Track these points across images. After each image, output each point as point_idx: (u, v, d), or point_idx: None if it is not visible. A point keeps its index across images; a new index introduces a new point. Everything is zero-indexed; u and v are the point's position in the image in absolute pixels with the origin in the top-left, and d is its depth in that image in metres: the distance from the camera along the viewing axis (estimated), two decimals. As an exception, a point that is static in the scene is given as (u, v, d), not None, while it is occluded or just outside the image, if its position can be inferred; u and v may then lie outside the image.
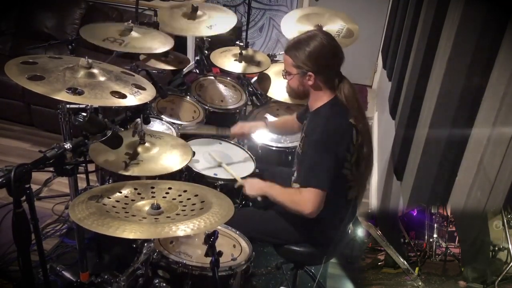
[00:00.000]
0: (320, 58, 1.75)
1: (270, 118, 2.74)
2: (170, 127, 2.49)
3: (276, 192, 1.83)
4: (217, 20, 2.64)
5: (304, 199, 1.71)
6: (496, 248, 1.10)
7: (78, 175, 1.85)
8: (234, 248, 1.79)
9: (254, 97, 2.99)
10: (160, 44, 2.27)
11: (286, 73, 1.85)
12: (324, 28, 2.68)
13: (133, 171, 1.69)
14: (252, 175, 2.18)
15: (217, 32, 2.60)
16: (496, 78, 1.21)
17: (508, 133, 1.08)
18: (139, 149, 1.81)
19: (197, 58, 2.96)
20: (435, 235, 1.30)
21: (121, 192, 1.48)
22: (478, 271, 1.14)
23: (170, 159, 1.82)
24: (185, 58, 2.87)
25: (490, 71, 1.23)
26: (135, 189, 1.51)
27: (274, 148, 2.49)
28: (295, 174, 1.90)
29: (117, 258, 2.45)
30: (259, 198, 1.90)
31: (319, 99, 1.82)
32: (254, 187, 1.92)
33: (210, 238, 1.40)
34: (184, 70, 3.87)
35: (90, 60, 1.58)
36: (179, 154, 1.87)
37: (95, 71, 1.59)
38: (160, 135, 1.97)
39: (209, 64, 2.83)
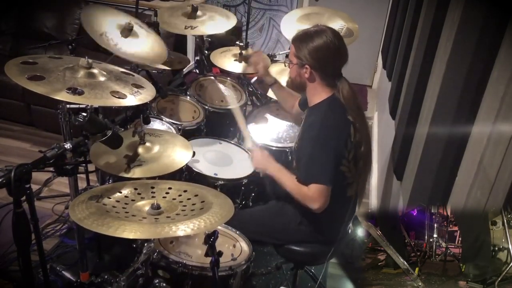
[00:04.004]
0: (321, 55, 1.76)
1: (270, 118, 2.74)
2: (170, 127, 2.49)
3: (285, 178, 1.83)
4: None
5: (310, 194, 1.72)
6: (496, 248, 1.10)
7: (78, 175, 1.86)
8: (234, 248, 1.79)
9: (254, 97, 2.99)
10: (154, 57, 2.16)
11: (289, 62, 1.88)
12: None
13: (134, 173, 1.69)
14: (252, 175, 2.18)
15: (197, 33, 2.61)
16: (496, 78, 1.21)
17: (508, 132, 1.08)
18: (140, 150, 1.81)
19: (197, 58, 2.96)
20: (435, 235, 1.30)
21: (121, 192, 1.48)
22: (479, 268, 1.14)
23: (171, 157, 1.82)
24: (185, 58, 2.86)
25: (490, 71, 1.23)
26: (135, 189, 1.51)
27: (274, 148, 2.49)
28: (294, 172, 1.91)
29: (117, 258, 2.45)
30: (261, 174, 1.90)
31: (317, 95, 1.83)
32: (261, 162, 1.91)
33: (210, 238, 1.40)
34: (184, 70, 3.88)
35: (90, 60, 1.58)
36: (180, 151, 1.87)
37: (95, 71, 1.59)
38: (159, 133, 1.96)
39: (209, 64, 2.83)
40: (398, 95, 2.63)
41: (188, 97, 2.78)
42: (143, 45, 2.14)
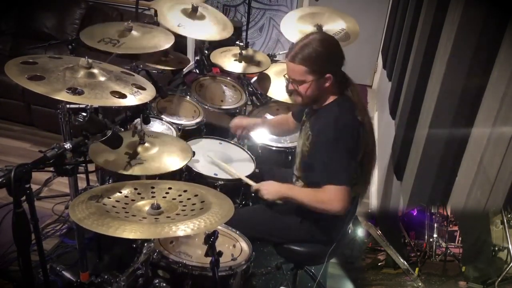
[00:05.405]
0: (332, 55, 1.73)
1: (270, 118, 2.74)
2: (170, 127, 2.49)
3: (299, 194, 1.80)
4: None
5: (331, 197, 1.69)
6: (497, 248, 1.10)
7: (78, 175, 1.86)
8: (234, 248, 1.79)
9: (254, 97, 2.99)
10: (159, 43, 2.21)
11: (298, 83, 1.74)
12: (324, 28, 2.68)
13: (133, 170, 1.69)
14: (253, 174, 2.18)
15: (186, 34, 2.61)
16: (496, 78, 1.21)
17: (508, 133, 1.08)
18: (139, 149, 1.81)
19: (197, 58, 2.95)
20: (435, 235, 1.30)
21: (121, 192, 1.48)
22: (479, 270, 1.14)
23: (171, 158, 1.82)
24: (185, 58, 2.86)
25: (490, 71, 1.24)
26: (135, 189, 1.51)
27: (274, 148, 2.49)
28: (299, 174, 1.89)
29: (117, 258, 2.45)
30: (279, 201, 1.85)
31: (327, 98, 1.81)
32: (272, 191, 1.86)
33: (210, 238, 1.40)
34: (184, 70, 3.88)
35: (90, 60, 1.58)
36: (179, 153, 1.86)
37: (95, 71, 1.59)
38: (156, 135, 1.95)
39: (209, 64, 2.83)
40: (398, 95, 2.63)
41: (188, 97, 2.78)
42: (146, 37, 2.19)
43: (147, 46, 2.16)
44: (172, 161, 1.80)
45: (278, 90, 2.64)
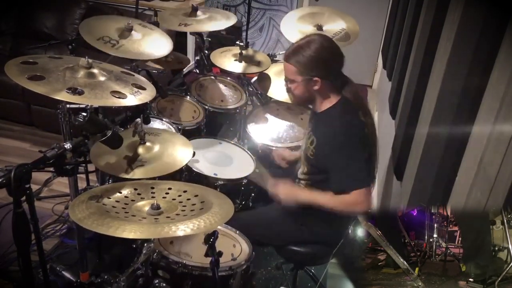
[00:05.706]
0: (324, 61, 1.73)
1: (270, 118, 2.74)
2: (170, 127, 2.49)
3: (321, 199, 1.77)
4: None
5: (357, 200, 1.69)
6: (497, 248, 1.10)
7: (78, 175, 1.86)
8: (234, 248, 1.79)
9: (254, 97, 2.99)
10: (157, 49, 2.20)
11: (290, 82, 1.80)
12: (324, 28, 2.68)
13: (135, 174, 1.68)
14: (253, 174, 2.18)
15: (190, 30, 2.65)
16: (496, 78, 1.21)
17: (508, 132, 1.08)
18: (140, 150, 1.81)
19: (197, 58, 2.96)
20: (435, 235, 1.30)
21: (121, 192, 1.48)
22: (480, 267, 1.14)
23: (172, 156, 1.82)
24: (185, 58, 2.87)
25: (490, 71, 1.23)
26: (135, 189, 1.51)
27: (274, 148, 2.49)
28: (305, 177, 1.89)
29: (117, 258, 2.46)
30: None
31: (327, 101, 1.81)
32: (290, 197, 1.84)
33: (210, 238, 1.40)
34: (184, 70, 3.88)
35: (90, 60, 1.59)
36: (180, 149, 1.86)
37: (95, 71, 1.59)
38: (157, 132, 1.96)
39: (209, 64, 2.83)
40: (398, 95, 2.63)
41: (188, 97, 2.78)
42: (145, 41, 2.19)
43: (144, 52, 2.14)
44: (174, 160, 1.80)
45: (278, 90, 2.64)
